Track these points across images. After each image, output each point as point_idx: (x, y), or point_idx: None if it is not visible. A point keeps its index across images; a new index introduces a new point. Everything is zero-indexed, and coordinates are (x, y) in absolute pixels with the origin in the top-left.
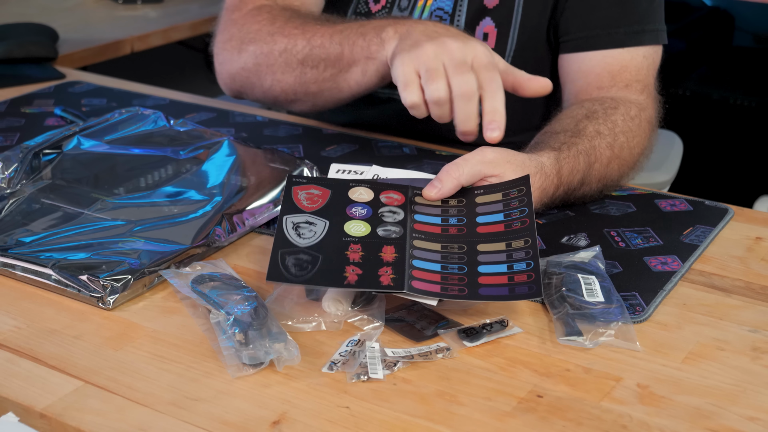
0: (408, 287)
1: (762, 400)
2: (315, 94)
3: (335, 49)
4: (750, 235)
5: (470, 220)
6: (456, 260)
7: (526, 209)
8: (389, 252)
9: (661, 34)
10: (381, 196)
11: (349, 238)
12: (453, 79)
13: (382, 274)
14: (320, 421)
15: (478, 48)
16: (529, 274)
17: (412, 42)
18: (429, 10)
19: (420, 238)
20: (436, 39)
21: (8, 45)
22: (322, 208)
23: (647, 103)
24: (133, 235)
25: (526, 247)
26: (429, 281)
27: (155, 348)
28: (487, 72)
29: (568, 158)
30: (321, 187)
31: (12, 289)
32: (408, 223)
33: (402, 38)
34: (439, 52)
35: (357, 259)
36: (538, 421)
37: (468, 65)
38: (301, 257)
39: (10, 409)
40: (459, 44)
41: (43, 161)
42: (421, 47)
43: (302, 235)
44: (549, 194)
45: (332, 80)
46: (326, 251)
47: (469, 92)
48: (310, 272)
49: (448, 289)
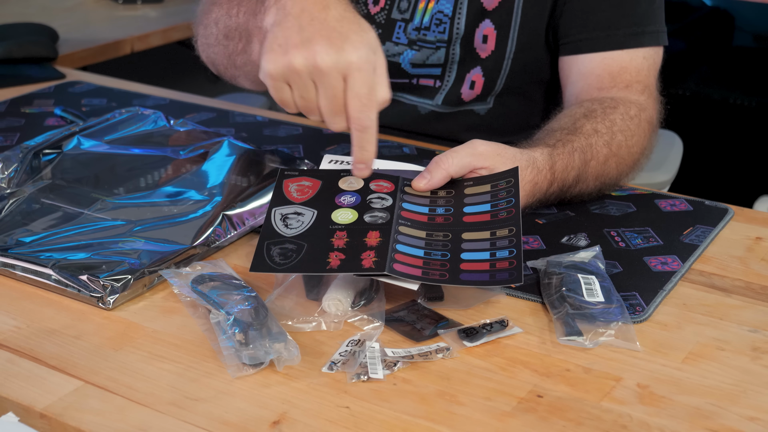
0: (389, 269)
1: (762, 400)
2: (241, 68)
3: (241, 19)
4: (750, 235)
5: (457, 210)
6: (440, 247)
7: (513, 200)
8: (374, 237)
9: (661, 35)
10: (371, 183)
11: (336, 225)
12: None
13: (364, 257)
14: (320, 421)
15: (352, 58)
16: (510, 261)
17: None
18: (430, 14)
19: (406, 224)
20: (308, 43)
21: (8, 45)
22: (311, 199)
23: (648, 104)
24: (133, 235)
25: (510, 236)
26: (411, 265)
27: (155, 348)
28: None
29: (562, 155)
30: (312, 178)
31: (12, 289)
32: (395, 210)
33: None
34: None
35: (341, 245)
36: (538, 421)
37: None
38: (286, 246)
39: (10, 409)
40: (332, 55)
41: (43, 161)
42: (288, 55)
43: (289, 226)
44: (542, 190)
45: (244, 53)
46: (311, 239)
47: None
48: (293, 260)
49: (429, 273)
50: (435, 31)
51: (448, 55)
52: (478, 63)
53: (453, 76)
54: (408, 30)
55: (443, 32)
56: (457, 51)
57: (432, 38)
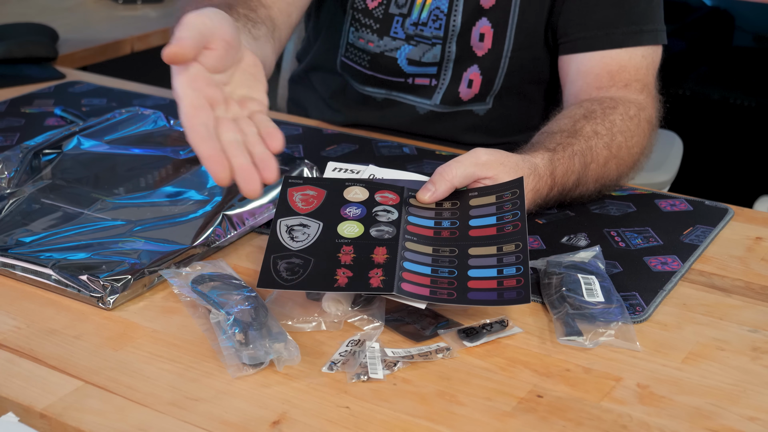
0: (397, 289)
1: (762, 400)
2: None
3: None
4: (750, 235)
5: (463, 222)
6: (447, 264)
7: (518, 212)
8: (381, 253)
9: (660, 34)
10: (376, 195)
11: (342, 239)
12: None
13: (372, 276)
14: (320, 421)
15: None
16: (518, 279)
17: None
18: (428, 9)
19: (412, 240)
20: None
21: (8, 45)
22: (316, 210)
23: (646, 103)
24: (133, 235)
25: (516, 252)
26: (419, 284)
27: (155, 348)
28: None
29: (562, 159)
30: (317, 187)
31: (12, 289)
32: (401, 224)
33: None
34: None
35: (348, 261)
36: (538, 421)
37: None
38: (293, 261)
39: (10, 409)
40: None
41: (43, 161)
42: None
43: (295, 238)
44: (542, 195)
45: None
46: (318, 254)
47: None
48: (301, 276)
49: (437, 292)
50: (431, 27)
51: (444, 52)
52: (475, 61)
53: (449, 74)
54: (406, 25)
55: (439, 28)
56: (453, 49)
57: (428, 34)
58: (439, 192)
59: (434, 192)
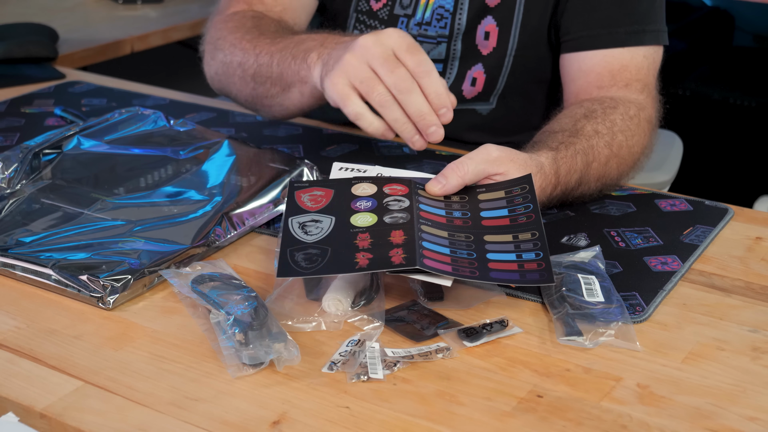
0: (420, 263)
1: (762, 400)
2: (269, 107)
3: (275, 70)
4: (750, 235)
5: (474, 214)
6: (464, 247)
7: (531, 205)
8: (398, 235)
9: (662, 34)
10: (385, 188)
11: (357, 228)
12: (385, 78)
13: (393, 255)
14: (320, 421)
15: (392, 35)
16: (539, 263)
17: (334, 60)
18: (431, 9)
19: (427, 224)
20: (352, 45)
21: (8, 45)
22: (326, 207)
23: (647, 103)
24: (133, 235)
25: (534, 239)
26: (440, 261)
27: (155, 348)
28: (412, 56)
29: (565, 158)
30: (323, 188)
31: (12, 289)
32: (414, 210)
33: (324, 62)
34: (360, 57)
35: (366, 246)
36: (538, 421)
37: (392, 56)
38: (310, 252)
39: (10, 409)
40: (373, 39)
41: (43, 161)
42: (342, 61)
43: (309, 233)
44: (546, 194)
45: (279, 97)
46: (335, 243)
47: (406, 86)
48: (320, 264)
49: (459, 270)
50: (436, 26)
51: (449, 50)
52: (480, 60)
53: (454, 72)
54: (410, 25)
55: (444, 27)
56: (458, 47)
57: (433, 33)
58: (449, 185)
59: (445, 185)
